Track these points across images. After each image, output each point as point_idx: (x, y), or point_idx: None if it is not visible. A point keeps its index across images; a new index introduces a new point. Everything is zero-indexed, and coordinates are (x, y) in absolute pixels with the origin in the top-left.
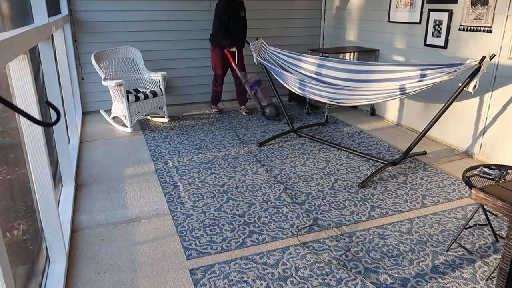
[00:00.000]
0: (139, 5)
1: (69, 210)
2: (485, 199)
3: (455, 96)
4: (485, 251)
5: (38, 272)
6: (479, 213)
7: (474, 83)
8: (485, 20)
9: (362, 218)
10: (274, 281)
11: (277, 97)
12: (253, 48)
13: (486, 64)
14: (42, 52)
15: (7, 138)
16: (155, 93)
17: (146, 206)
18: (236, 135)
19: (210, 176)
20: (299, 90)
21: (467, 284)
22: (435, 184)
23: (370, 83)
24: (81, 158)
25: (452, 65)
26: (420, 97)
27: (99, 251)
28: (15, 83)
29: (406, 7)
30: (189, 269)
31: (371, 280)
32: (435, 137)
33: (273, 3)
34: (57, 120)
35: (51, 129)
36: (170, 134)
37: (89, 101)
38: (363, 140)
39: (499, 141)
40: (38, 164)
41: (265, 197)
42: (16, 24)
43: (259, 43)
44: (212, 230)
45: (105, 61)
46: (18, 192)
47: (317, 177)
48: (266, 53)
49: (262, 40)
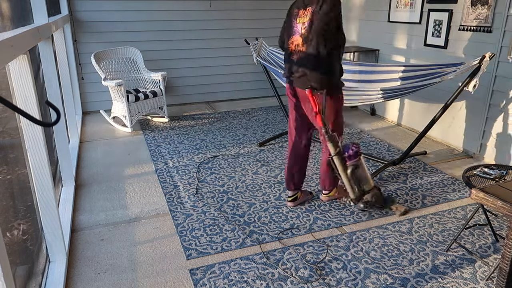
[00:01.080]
0: (139, 5)
1: (69, 210)
2: (485, 199)
3: (455, 96)
4: (485, 251)
5: (38, 272)
6: (479, 213)
7: (474, 82)
8: (485, 20)
9: (362, 218)
10: (274, 281)
11: (277, 97)
12: (253, 48)
13: (486, 63)
14: (42, 52)
15: (7, 138)
16: (155, 93)
17: (146, 206)
18: (236, 135)
19: (210, 176)
20: None
21: (467, 284)
22: (435, 184)
23: (372, 83)
24: (81, 158)
25: (452, 65)
26: (420, 97)
27: (99, 251)
28: (15, 83)
29: (406, 7)
30: (189, 269)
31: (371, 280)
32: (435, 137)
33: (273, 3)
34: (57, 120)
35: (51, 129)
36: (170, 134)
37: (89, 101)
38: (363, 140)
39: (499, 141)
40: (38, 164)
41: (265, 197)
42: (16, 24)
43: (259, 43)
44: (212, 230)
45: (105, 61)
46: (18, 192)
47: (317, 177)
48: (266, 53)
49: (262, 40)
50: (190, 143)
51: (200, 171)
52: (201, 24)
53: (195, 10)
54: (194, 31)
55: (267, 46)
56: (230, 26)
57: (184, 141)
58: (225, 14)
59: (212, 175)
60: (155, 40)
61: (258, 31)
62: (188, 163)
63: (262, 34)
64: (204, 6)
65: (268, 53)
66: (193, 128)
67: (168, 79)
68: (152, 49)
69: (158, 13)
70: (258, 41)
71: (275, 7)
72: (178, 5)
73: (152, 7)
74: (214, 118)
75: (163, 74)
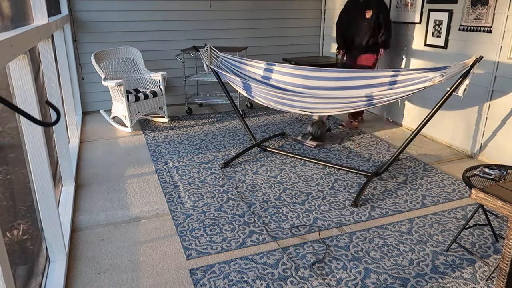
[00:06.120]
0: (139, 5)
1: (69, 210)
2: (485, 199)
3: (443, 101)
4: (485, 251)
5: (38, 272)
6: (479, 213)
7: (465, 86)
8: (485, 20)
9: (362, 218)
10: (274, 281)
11: (230, 100)
12: (203, 56)
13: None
14: (42, 52)
15: (7, 138)
16: (155, 93)
17: (146, 206)
18: (236, 135)
19: (210, 176)
20: (264, 101)
21: (467, 284)
22: (435, 184)
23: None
24: (81, 158)
25: (436, 69)
26: (420, 97)
27: (99, 251)
28: (15, 83)
29: (406, 7)
30: (189, 269)
31: (371, 280)
32: (435, 137)
33: (273, 3)
34: (57, 120)
35: (51, 129)
36: (170, 134)
37: (89, 101)
38: (363, 140)
39: (499, 141)
40: (38, 164)
41: (265, 197)
42: (16, 24)
43: (209, 50)
44: (212, 230)
45: (105, 61)
46: (18, 192)
47: (317, 177)
48: (219, 61)
49: (210, 46)
50: (190, 143)
51: (200, 171)
52: (201, 24)
53: (195, 10)
54: (194, 31)
55: (219, 52)
56: (230, 27)
57: (184, 141)
58: (225, 14)
59: (212, 175)
60: (155, 40)
61: (258, 31)
62: (188, 163)
63: (262, 34)
64: (204, 6)
65: (222, 61)
66: (193, 128)
67: (168, 79)
68: (152, 49)
69: (158, 13)
70: (207, 47)
71: (275, 7)
72: (178, 5)
73: (152, 7)
74: (214, 118)
75: (163, 74)
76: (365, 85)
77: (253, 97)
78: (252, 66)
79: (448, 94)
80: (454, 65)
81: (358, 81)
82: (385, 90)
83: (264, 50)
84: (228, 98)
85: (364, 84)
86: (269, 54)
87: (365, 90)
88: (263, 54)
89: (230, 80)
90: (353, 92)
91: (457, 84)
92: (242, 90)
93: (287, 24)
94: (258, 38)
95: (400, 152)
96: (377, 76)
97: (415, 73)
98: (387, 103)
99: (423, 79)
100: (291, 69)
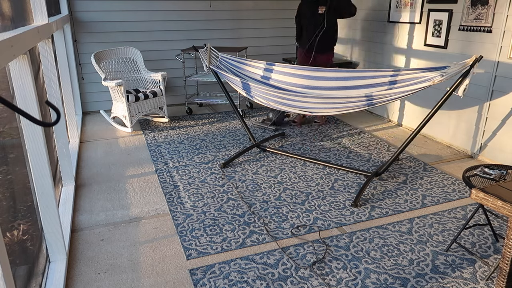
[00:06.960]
0: (139, 5)
1: (69, 210)
2: (485, 199)
3: (443, 100)
4: (485, 251)
5: (38, 272)
6: (479, 213)
7: (464, 86)
8: (485, 20)
9: (362, 218)
10: (274, 281)
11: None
12: (203, 56)
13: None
14: (42, 52)
15: (7, 138)
16: (155, 93)
17: (146, 206)
18: (236, 135)
19: (210, 176)
20: (264, 101)
21: (467, 284)
22: (435, 184)
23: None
24: (81, 158)
25: (435, 69)
26: (420, 97)
27: (99, 251)
28: (15, 83)
29: (406, 7)
30: (189, 269)
31: (371, 280)
32: (435, 137)
33: (274, 3)
34: (57, 120)
35: (51, 129)
36: (170, 134)
37: (89, 101)
38: (363, 140)
39: (499, 141)
40: (38, 164)
41: (265, 197)
42: (16, 24)
43: (208, 50)
44: (212, 230)
45: (105, 61)
46: (18, 192)
47: (317, 177)
48: (219, 61)
49: (210, 46)
50: (190, 143)
51: (200, 171)
52: (201, 24)
53: (195, 10)
54: (194, 31)
55: (218, 52)
56: (230, 27)
57: (184, 141)
58: (225, 14)
59: (212, 175)
60: (155, 40)
61: (258, 31)
62: (188, 163)
63: (262, 34)
64: (204, 6)
65: (221, 61)
66: (193, 128)
67: (168, 79)
68: (152, 49)
69: (158, 13)
70: (207, 47)
71: (275, 7)
72: (178, 5)
73: (152, 7)
74: (214, 118)
75: (163, 74)
76: (365, 85)
77: (252, 97)
78: (252, 66)
79: (448, 94)
80: (454, 65)
81: (358, 80)
82: (385, 90)
83: (264, 50)
84: (228, 98)
85: (364, 84)
86: (269, 54)
87: (365, 90)
88: (263, 54)
89: (230, 80)
90: (353, 92)
91: (457, 84)
92: (241, 90)
93: (287, 24)
94: (258, 38)
95: (400, 152)
96: (377, 76)
97: (415, 73)
98: (387, 103)
99: (423, 78)
100: (291, 69)
